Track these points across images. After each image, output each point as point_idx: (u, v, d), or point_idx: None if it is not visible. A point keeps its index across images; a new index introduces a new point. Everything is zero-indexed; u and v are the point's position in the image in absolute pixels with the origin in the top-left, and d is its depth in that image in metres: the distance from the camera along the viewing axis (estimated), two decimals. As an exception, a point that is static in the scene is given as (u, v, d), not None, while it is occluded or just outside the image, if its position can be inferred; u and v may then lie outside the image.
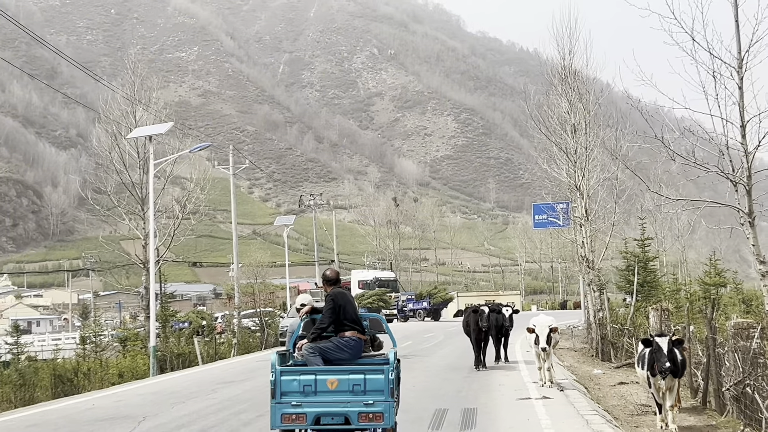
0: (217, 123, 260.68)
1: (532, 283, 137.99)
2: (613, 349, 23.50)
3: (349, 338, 10.53)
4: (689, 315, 16.39)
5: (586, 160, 24.34)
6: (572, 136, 24.31)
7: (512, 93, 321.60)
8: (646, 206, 50.30)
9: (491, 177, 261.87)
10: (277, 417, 9.70)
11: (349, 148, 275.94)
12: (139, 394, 19.10)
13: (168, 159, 29.77)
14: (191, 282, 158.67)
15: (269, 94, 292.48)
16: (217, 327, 45.51)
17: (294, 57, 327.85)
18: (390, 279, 72.54)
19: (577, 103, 24.24)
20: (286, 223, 60.61)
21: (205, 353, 31.09)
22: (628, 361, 20.94)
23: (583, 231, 25.14)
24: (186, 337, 34.56)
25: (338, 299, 10.76)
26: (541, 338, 16.96)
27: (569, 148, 24.48)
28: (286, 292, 62.18)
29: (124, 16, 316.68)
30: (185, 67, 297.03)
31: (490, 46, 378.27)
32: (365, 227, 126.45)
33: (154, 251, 29.03)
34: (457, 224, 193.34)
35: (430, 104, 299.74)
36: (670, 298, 24.44)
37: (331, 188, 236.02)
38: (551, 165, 25.78)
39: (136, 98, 31.59)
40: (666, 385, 11.69)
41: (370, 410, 9.32)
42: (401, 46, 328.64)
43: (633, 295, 24.08)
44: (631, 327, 22.23)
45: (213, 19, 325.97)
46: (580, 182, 24.40)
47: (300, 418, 9.56)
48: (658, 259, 34.15)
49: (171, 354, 29.14)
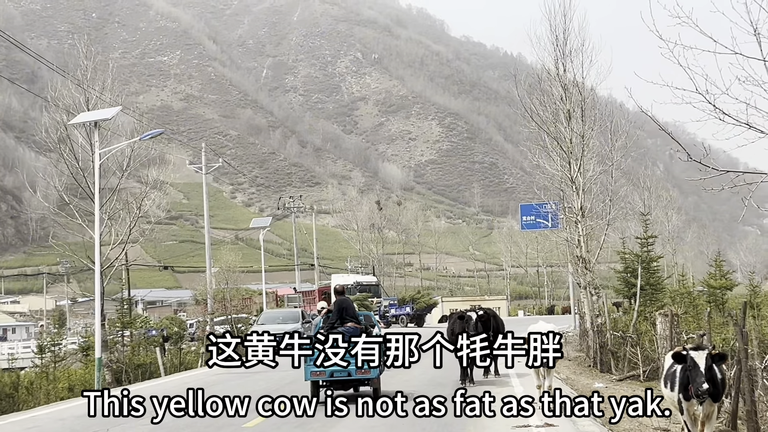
0: (200, 127, 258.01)
1: (517, 287, 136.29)
2: (614, 359, 21.24)
3: (349, 327, 17.45)
4: (710, 321, 14.19)
5: (582, 150, 22.11)
6: (566, 123, 22.11)
7: (496, 97, 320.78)
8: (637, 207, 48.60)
9: (476, 181, 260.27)
10: (307, 373, 17.47)
11: (333, 153, 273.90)
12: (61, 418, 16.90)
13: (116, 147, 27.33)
14: (172, 288, 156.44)
15: (252, 99, 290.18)
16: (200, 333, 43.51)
17: (277, 61, 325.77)
18: (372, 284, 70.12)
19: (572, 88, 22.03)
20: (262, 226, 58.44)
21: (169, 363, 28.91)
22: (632, 372, 18.90)
23: (579, 228, 22.85)
24: (146, 345, 32.22)
25: (342, 304, 18.54)
26: None
27: (563, 137, 22.25)
28: (263, 297, 60.02)
29: (106, 20, 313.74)
30: (167, 71, 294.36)
31: (475, 50, 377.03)
32: (348, 232, 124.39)
33: (99, 252, 26.73)
34: (442, 229, 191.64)
35: (415, 109, 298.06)
36: (679, 303, 22.22)
37: (315, 193, 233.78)
38: (543, 157, 23.56)
39: (89, 85, 29.29)
40: (704, 411, 9.42)
41: None
42: (385, 50, 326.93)
43: (636, 299, 21.57)
44: (634, 335, 19.96)
45: (195, 23, 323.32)
46: (575, 175, 22.18)
47: (321, 374, 17.01)
48: (663, 259, 31.39)
49: (130, 365, 26.91)
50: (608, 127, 22.92)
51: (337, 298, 18.77)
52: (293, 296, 63.91)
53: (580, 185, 22.31)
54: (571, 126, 22.00)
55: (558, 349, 9.95)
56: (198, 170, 46.95)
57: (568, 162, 22.30)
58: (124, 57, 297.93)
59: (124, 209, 28.95)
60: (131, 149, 29.38)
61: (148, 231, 44.37)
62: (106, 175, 29.45)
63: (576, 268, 24.01)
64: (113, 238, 30.13)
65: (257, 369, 24.72)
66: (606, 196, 24.65)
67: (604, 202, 25.01)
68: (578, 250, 22.93)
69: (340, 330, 16.46)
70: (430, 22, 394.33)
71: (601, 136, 23.12)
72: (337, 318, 17.95)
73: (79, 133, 28.15)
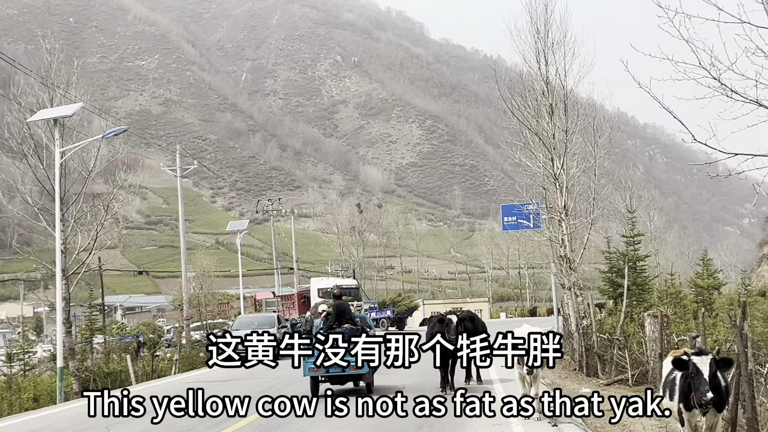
0: (179, 131, 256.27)
1: (499, 289, 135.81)
2: (600, 363, 20.33)
3: (346, 328, 18.50)
4: (704, 323, 13.41)
5: (565, 146, 21.25)
6: (549, 118, 21.27)
7: (477, 100, 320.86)
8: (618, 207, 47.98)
9: (457, 184, 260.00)
10: (306, 369, 18.18)
11: (314, 156, 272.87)
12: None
13: (78, 145, 26.20)
14: (152, 293, 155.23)
15: (232, 102, 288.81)
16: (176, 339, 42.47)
17: (257, 65, 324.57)
18: (352, 287, 69.05)
19: (555, 81, 21.22)
20: (239, 229, 57.51)
21: (141, 371, 27.98)
22: (620, 377, 18.08)
23: (562, 227, 21.99)
24: (119, 352, 31.14)
25: (340, 307, 19.86)
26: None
27: (546, 133, 21.40)
28: (240, 302, 59.02)
29: (83, 25, 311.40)
30: (146, 76, 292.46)
31: (454, 53, 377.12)
32: (329, 235, 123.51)
33: (61, 257, 25.76)
34: (423, 231, 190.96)
35: (395, 111, 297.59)
36: (668, 303, 21.36)
37: (296, 196, 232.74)
38: (525, 155, 22.71)
39: (53, 83, 28.25)
40: (707, 422, 8.47)
41: None
42: (365, 53, 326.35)
43: (623, 300, 20.64)
44: (622, 337, 19.12)
45: (174, 27, 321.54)
46: (558, 172, 21.34)
47: (318, 369, 16.99)
48: (650, 258, 30.39)
49: (99, 373, 25.96)
50: (591, 123, 22.06)
51: (335, 302, 20.42)
52: (272, 300, 62.95)
53: (564, 183, 21.41)
54: (553, 121, 21.13)
55: (548, 350, 9.33)
56: (173, 173, 45.62)
57: (551, 159, 21.41)
58: (102, 62, 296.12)
59: (91, 212, 27.70)
60: (97, 149, 28.19)
61: (126, 236, 43.75)
62: (72, 175, 28.42)
63: (560, 268, 23.07)
64: (80, 243, 28.95)
65: (237, 376, 23.70)
66: (589, 195, 23.91)
67: (587, 201, 24.28)
68: (562, 250, 22.00)
69: (338, 331, 17.71)
70: (410, 24, 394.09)
71: (584, 132, 22.30)
72: (335, 320, 19.35)
73: (43, 133, 27.07)
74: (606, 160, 24.49)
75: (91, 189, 31.19)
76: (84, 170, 27.71)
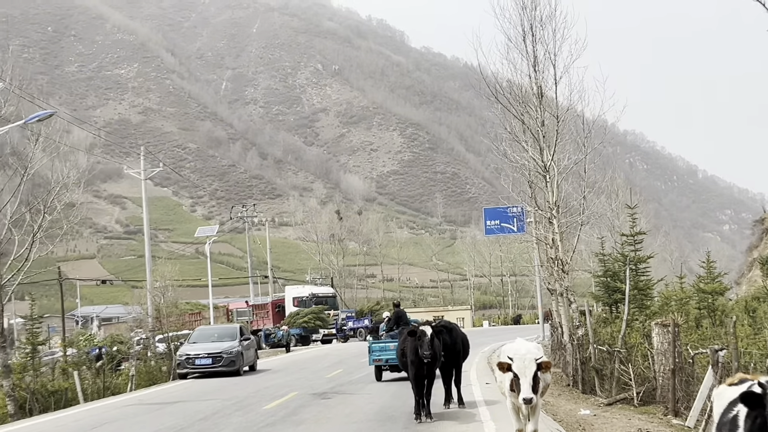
0: (158, 140, 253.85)
1: (481, 297, 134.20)
2: (598, 378, 18.10)
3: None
4: (735, 333, 11.26)
5: (556, 134, 19.15)
6: (538, 101, 19.19)
7: (458, 107, 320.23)
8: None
9: (438, 191, 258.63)
10: (370, 360, 24.97)
11: (294, 165, 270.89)
12: None
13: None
14: (129, 304, 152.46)
15: (211, 111, 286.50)
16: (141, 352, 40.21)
17: (237, 73, 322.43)
18: (328, 295, 67.07)
19: (544, 60, 19.13)
20: (208, 234, 55.47)
21: (93, 387, 25.82)
22: (623, 395, 15.88)
23: (553, 226, 19.82)
24: (75, 367, 28.83)
25: (398, 314, 25.91)
26: (523, 381, 10.30)
27: (535, 120, 19.31)
28: (210, 312, 56.91)
29: (62, 34, 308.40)
30: (125, 84, 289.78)
31: (435, 61, 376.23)
32: (308, 243, 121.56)
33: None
34: (404, 239, 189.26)
35: (376, 119, 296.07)
36: (677, 310, 19.12)
37: (276, 205, 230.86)
38: (512, 146, 20.58)
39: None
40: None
41: None
42: (345, 61, 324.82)
43: (626, 306, 18.33)
44: (623, 349, 16.92)
45: (153, 35, 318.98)
46: (549, 163, 19.21)
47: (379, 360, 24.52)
48: (653, 259, 27.85)
49: (42, 392, 23.80)
50: (581, 110, 19.96)
51: (394, 310, 27.21)
52: (243, 310, 60.94)
53: (555, 176, 19.37)
54: (542, 106, 19.16)
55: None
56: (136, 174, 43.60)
57: (539, 149, 19.36)
58: (80, 70, 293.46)
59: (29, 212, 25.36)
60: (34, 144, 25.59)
61: (105, 245, 41.90)
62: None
63: (550, 272, 20.88)
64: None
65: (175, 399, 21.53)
66: (579, 193, 21.94)
67: (577, 200, 22.32)
68: (552, 251, 19.86)
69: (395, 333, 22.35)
70: (391, 32, 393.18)
71: (575, 121, 20.28)
72: (394, 324, 24.99)
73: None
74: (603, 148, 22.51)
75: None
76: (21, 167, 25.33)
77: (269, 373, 31.10)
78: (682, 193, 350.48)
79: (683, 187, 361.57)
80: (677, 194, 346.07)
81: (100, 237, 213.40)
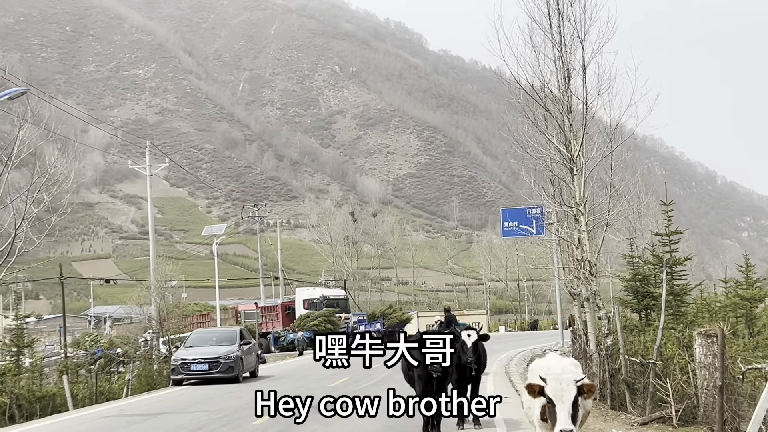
0: (175, 141, 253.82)
1: (497, 302, 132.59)
2: (630, 392, 16.37)
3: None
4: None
5: (584, 121, 17.49)
6: (565, 85, 17.57)
7: (475, 111, 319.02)
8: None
9: (454, 195, 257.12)
10: None
11: (310, 167, 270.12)
12: None
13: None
14: (144, 304, 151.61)
15: (228, 112, 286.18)
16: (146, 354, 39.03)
17: (254, 75, 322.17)
18: (340, 297, 65.43)
19: (571, 41, 17.47)
20: (216, 233, 54.20)
21: (84, 393, 24.42)
22: (659, 413, 14.15)
23: (580, 224, 18.11)
24: (69, 371, 27.45)
25: (450, 318, 29.38)
26: (560, 408, 8.15)
27: (560, 105, 17.64)
28: (217, 314, 55.60)
29: (80, 34, 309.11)
30: (142, 85, 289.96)
31: (453, 64, 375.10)
32: (322, 245, 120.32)
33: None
34: (420, 243, 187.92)
35: (393, 122, 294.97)
36: (716, 318, 17.33)
37: (292, 207, 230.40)
38: (536, 138, 18.86)
39: None
40: None
41: None
42: (363, 63, 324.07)
43: (661, 313, 16.53)
44: (659, 361, 15.19)
45: (171, 36, 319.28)
46: (576, 154, 17.56)
47: None
48: (690, 261, 25.76)
49: (28, 397, 22.45)
50: (609, 99, 18.19)
51: (446, 314, 30.09)
52: (251, 312, 59.59)
53: (582, 168, 17.69)
54: (569, 91, 17.56)
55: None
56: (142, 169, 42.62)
57: (565, 141, 17.68)
58: (98, 70, 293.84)
59: (9, 204, 23.89)
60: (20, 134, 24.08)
61: (120, 245, 41.07)
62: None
63: (576, 275, 19.10)
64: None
65: (161, 410, 19.95)
66: (604, 192, 20.35)
67: (601, 201, 20.70)
68: (578, 252, 18.15)
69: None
70: (409, 35, 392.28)
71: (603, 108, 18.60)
72: (445, 328, 26.11)
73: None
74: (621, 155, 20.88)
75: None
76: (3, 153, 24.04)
77: (270, 381, 29.13)
78: (701, 199, 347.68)
79: (702, 193, 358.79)
80: (696, 200, 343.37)
81: (116, 237, 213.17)
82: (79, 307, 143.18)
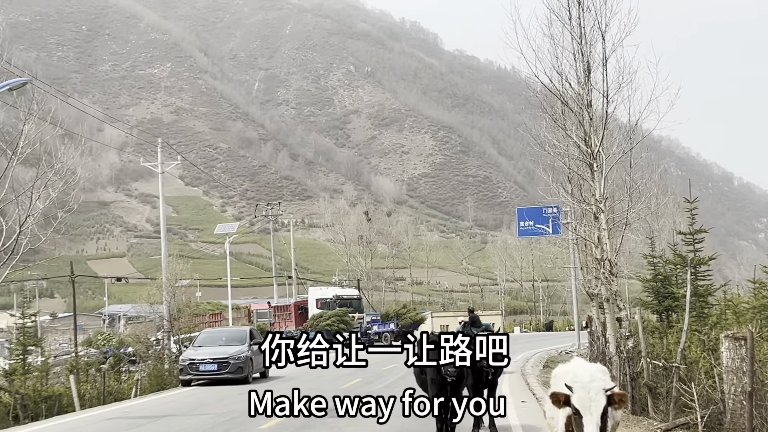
0: (190, 140, 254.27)
1: (512, 302, 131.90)
2: (652, 397, 15.77)
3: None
4: None
5: (605, 116, 16.88)
6: (585, 79, 17.00)
7: (490, 111, 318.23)
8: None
9: (469, 195, 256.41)
10: None
11: (325, 166, 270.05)
12: None
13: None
14: (155, 303, 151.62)
15: (243, 111, 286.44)
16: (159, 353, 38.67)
17: (269, 74, 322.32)
18: (353, 297, 64.94)
19: (592, 33, 16.86)
20: (228, 231, 53.84)
21: (93, 393, 24.04)
22: (683, 419, 13.58)
23: (600, 222, 17.49)
24: (77, 371, 27.03)
25: (473, 318, 26.97)
26: (588, 420, 7.37)
27: (580, 100, 17.09)
28: (229, 313, 55.19)
29: (96, 33, 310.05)
30: (157, 84, 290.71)
31: (468, 64, 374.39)
32: (336, 245, 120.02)
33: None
34: (434, 243, 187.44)
35: (408, 122, 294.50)
36: (750, 320, 16.51)
37: (306, 206, 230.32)
38: (554, 134, 18.32)
39: None
40: None
41: None
42: (378, 63, 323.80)
43: (685, 315, 15.87)
44: (683, 364, 14.54)
45: (186, 35, 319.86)
46: (596, 150, 16.98)
47: None
48: (715, 261, 24.90)
49: (34, 397, 22.09)
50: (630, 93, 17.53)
51: (470, 315, 28.24)
52: (263, 311, 59.13)
53: (602, 165, 17.09)
54: (590, 85, 16.98)
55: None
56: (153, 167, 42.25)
57: (584, 136, 17.09)
58: (114, 69, 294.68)
59: (14, 201, 23.54)
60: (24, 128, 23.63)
61: (135, 244, 40.94)
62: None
63: (595, 274, 18.53)
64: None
65: (166, 412, 19.45)
66: (623, 191, 19.80)
67: (619, 200, 20.15)
68: (597, 251, 17.55)
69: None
70: (424, 35, 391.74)
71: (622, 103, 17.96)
72: (469, 329, 24.12)
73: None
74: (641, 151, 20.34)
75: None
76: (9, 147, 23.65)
77: (280, 381, 28.29)
78: (718, 200, 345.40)
79: (718, 194, 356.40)
80: (712, 201, 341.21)
81: (131, 236, 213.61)
82: (94, 306, 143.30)
